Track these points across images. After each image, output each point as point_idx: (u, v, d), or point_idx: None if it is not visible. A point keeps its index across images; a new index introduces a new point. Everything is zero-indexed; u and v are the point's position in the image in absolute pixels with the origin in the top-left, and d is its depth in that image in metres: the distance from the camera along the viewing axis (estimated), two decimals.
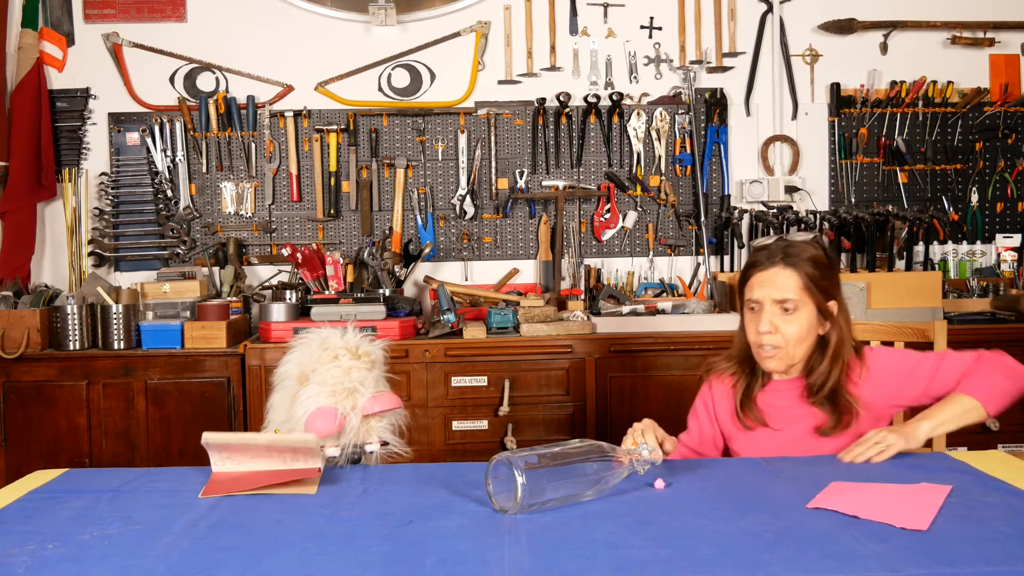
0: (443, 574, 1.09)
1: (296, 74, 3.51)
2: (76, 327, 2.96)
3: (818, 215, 3.35)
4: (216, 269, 3.41)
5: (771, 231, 3.36)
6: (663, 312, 3.15)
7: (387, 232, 3.41)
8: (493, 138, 3.52)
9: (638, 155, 3.55)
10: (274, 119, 3.49)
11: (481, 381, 2.97)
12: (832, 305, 1.78)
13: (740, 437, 1.85)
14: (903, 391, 1.77)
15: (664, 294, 3.48)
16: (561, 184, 3.54)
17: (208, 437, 1.56)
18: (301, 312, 3.11)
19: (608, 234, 3.56)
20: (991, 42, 3.60)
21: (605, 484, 1.40)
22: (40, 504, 1.42)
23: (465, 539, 1.21)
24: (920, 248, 3.43)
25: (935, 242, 3.56)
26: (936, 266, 3.52)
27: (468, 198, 3.50)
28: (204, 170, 3.48)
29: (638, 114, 3.54)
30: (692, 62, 3.56)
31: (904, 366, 1.78)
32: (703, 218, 3.51)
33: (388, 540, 1.22)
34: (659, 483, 1.46)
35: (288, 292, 3.21)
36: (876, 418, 1.78)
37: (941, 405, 1.70)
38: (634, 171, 3.55)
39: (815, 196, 3.59)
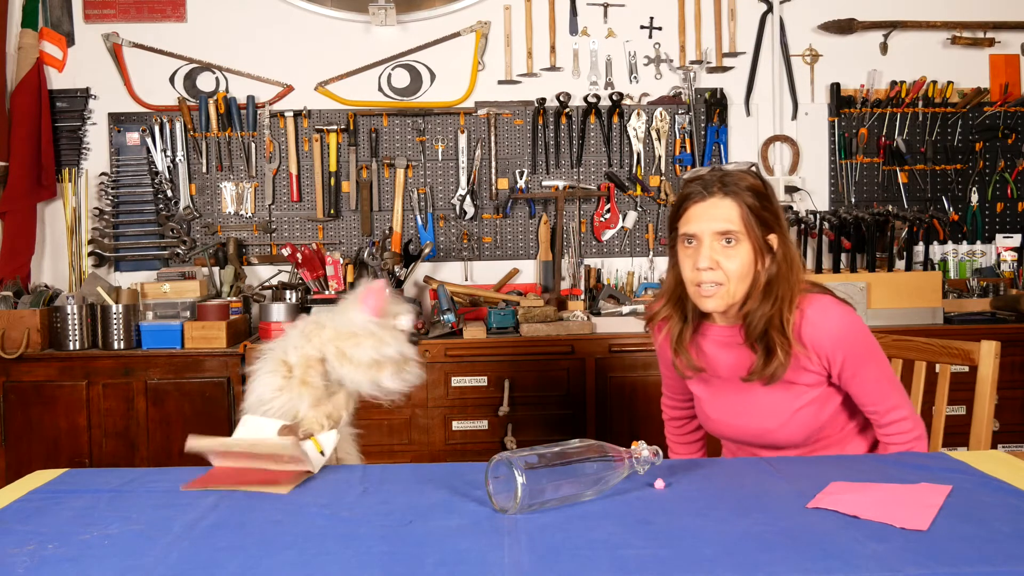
0: (443, 574, 1.09)
1: (296, 74, 3.52)
2: (76, 327, 2.97)
3: (818, 215, 3.35)
4: (216, 269, 3.41)
5: None
6: None
7: (387, 232, 3.41)
8: (493, 138, 3.52)
9: (638, 155, 3.55)
10: (274, 119, 3.49)
11: (481, 381, 2.97)
12: (772, 238, 1.66)
13: (691, 381, 1.86)
14: (842, 370, 1.69)
15: None
16: (561, 184, 3.54)
17: (192, 444, 1.56)
18: (301, 312, 3.10)
19: (608, 234, 3.56)
20: (991, 42, 3.60)
21: (605, 484, 1.39)
22: (40, 504, 1.41)
23: (465, 539, 1.21)
24: (920, 248, 3.44)
25: (935, 242, 3.56)
26: (936, 266, 3.53)
27: (468, 198, 3.50)
28: (204, 170, 3.48)
29: (638, 114, 3.54)
30: (692, 62, 3.56)
31: (857, 349, 1.68)
32: None
33: (388, 540, 1.22)
34: (659, 483, 1.46)
35: (288, 292, 3.21)
36: (809, 375, 1.71)
37: None
38: (634, 171, 3.55)
39: (815, 196, 3.59)
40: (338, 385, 1.70)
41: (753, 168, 1.69)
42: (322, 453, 1.63)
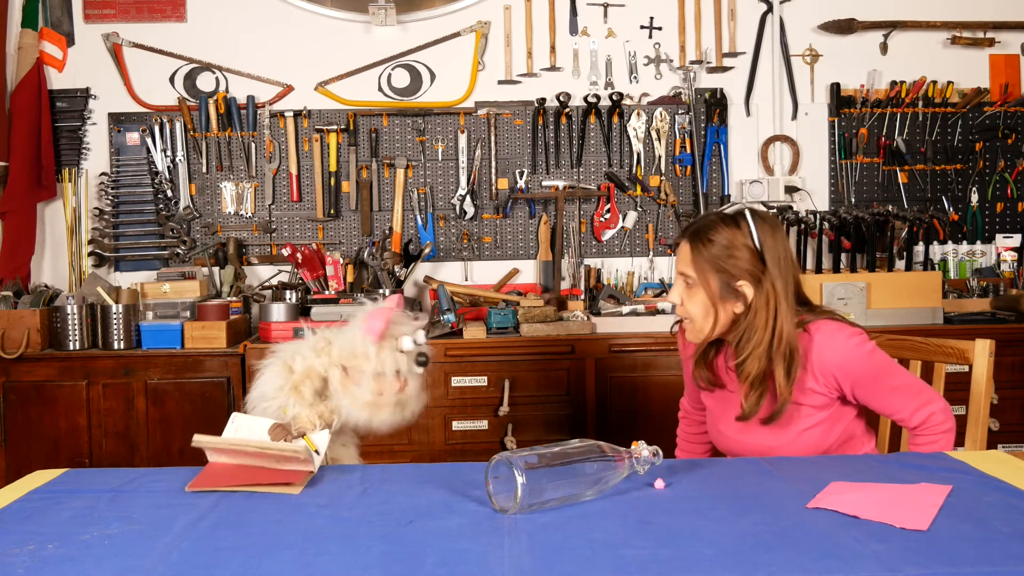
0: (443, 574, 1.09)
1: (296, 74, 3.51)
2: (76, 327, 2.96)
3: (818, 215, 3.35)
4: (216, 269, 3.41)
5: None
6: (663, 312, 3.15)
7: (387, 232, 3.41)
8: (493, 138, 3.52)
9: (638, 155, 3.55)
10: (274, 119, 3.49)
11: (481, 381, 2.97)
12: (741, 286, 1.71)
13: (704, 392, 1.90)
14: (854, 390, 1.74)
15: (664, 294, 3.48)
16: (561, 184, 3.54)
17: (200, 439, 1.56)
18: (301, 312, 3.11)
19: (608, 234, 3.56)
20: (991, 42, 3.60)
21: (605, 484, 1.39)
22: (40, 504, 1.41)
23: (465, 539, 1.21)
24: (920, 248, 3.43)
25: (935, 242, 3.56)
26: (936, 266, 3.52)
27: (468, 198, 3.50)
28: (204, 170, 3.48)
29: (638, 114, 3.54)
30: (692, 62, 3.56)
31: (866, 369, 1.72)
32: None
33: (388, 540, 1.22)
34: (659, 483, 1.46)
35: (288, 292, 3.21)
36: (818, 396, 1.75)
37: None
38: (634, 171, 3.55)
39: (815, 196, 3.59)
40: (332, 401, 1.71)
41: (741, 215, 1.74)
42: (316, 452, 1.63)
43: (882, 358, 1.74)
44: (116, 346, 2.96)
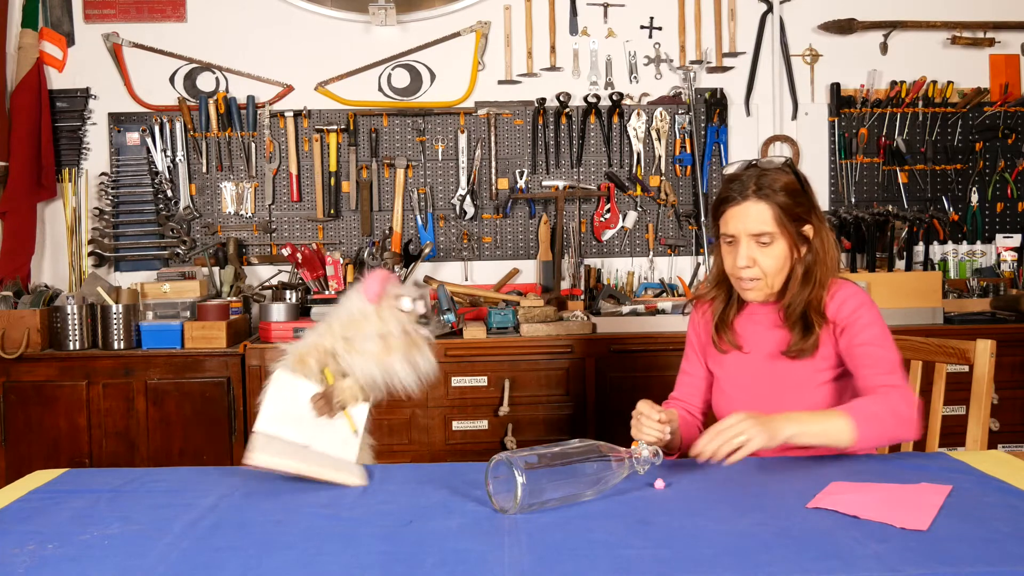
0: (443, 574, 1.09)
1: (296, 74, 3.51)
2: (76, 327, 2.96)
3: None
4: (216, 269, 3.41)
5: None
6: (663, 312, 3.15)
7: (387, 232, 3.41)
8: (493, 138, 3.52)
9: (638, 155, 3.55)
10: (274, 119, 3.49)
11: (481, 381, 2.97)
12: (808, 229, 1.76)
13: (714, 359, 1.91)
14: (844, 333, 1.74)
15: (664, 294, 3.48)
16: (561, 184, 3.54)
17: (258, 459, 1.51)
18: (301, 312, 3.11)
19: (608, 234, 3.56)
20: (991, 42, 3.60)
21: (605, 484, 1.40)
22: (40, 504, 1.42)
23: (465, 539, 1.21)
24: (920, 248, 3.44)
25: (935, 242, 3.56)
26: (936, 266, 3.53)
27: (468, 198, 3.50)
28: (204, 170, 3.48)
29: (638, 114, 3.54)
30: (692, 62, 3.56)
31: (855, 314, 1.74)
32: (703, 218, 3.51)
33: (388, 540, 1.22)
34: (659, 483, 1.46)
35: (288, 292, 3.21)
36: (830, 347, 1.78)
37: (815, 417, 1.61)
38: (634, 171, 3.55)
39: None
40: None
41: (787, 163, 1.78)
42: (356, 433, 1.61)
43: (875, 314, 1.75)
44: (116, 346, 2.96)
